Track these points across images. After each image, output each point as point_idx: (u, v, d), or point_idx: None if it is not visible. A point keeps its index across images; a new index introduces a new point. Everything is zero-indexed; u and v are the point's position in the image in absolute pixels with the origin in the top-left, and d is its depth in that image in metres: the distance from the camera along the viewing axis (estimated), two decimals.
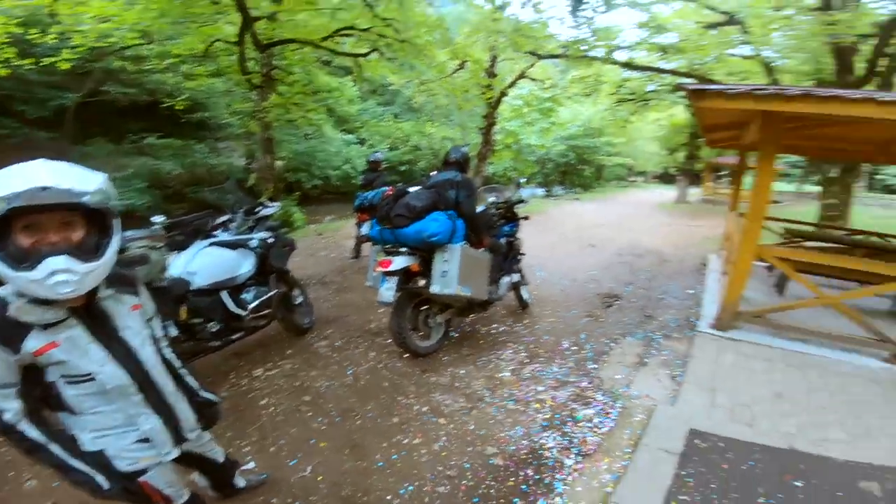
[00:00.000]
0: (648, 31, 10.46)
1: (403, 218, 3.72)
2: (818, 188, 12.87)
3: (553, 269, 7.25)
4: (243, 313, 3.56)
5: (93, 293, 1.46)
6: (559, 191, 28.71)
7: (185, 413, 1.75)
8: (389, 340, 4.34)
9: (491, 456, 2.83)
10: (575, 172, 30.85)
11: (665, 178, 40.61)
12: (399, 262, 3.77)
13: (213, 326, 3.37)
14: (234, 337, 3.61)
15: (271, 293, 3.89)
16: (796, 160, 24.76)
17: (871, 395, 3.60)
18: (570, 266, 7.55)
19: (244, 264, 3.71)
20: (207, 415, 1.89)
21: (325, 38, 10.19)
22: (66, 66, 9.03)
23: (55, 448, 1.48)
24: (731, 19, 10.95)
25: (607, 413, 3.29)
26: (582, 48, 8.03)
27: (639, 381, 3.77)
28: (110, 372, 1.49)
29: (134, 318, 1.61)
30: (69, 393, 1.48)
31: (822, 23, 8.27)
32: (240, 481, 2.39)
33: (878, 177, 29.66)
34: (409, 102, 22.29)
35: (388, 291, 3.77)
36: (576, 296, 6.00)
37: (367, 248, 7.30)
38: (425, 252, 3.82)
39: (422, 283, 3.86)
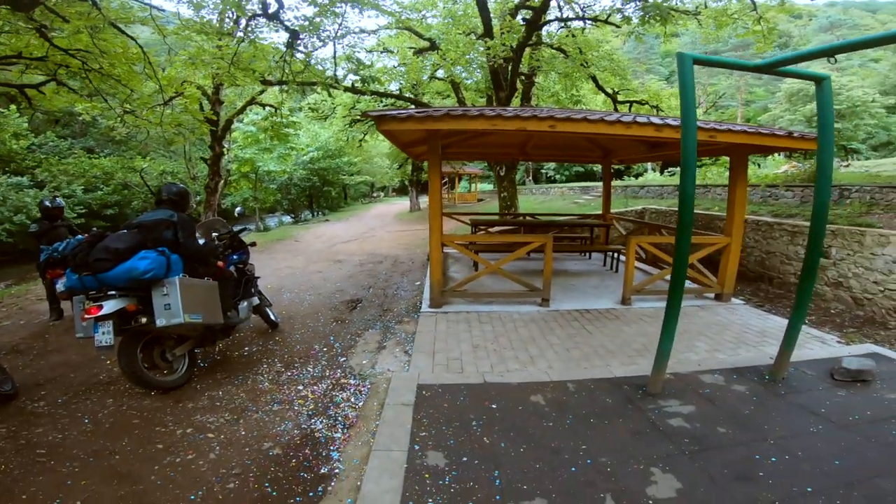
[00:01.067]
0: (356, 52, 11.75)
1: (105, 262, 3.61)
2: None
3: (301, 288, 7.69)
4: None
5: None
6: (308, 215, 28.80)
7: None
8: (127, 385, 4.18)
9: (269, 449, 3.18)
10: (321, 195, 31.37)
11: (403, 191, 44.76)
12: (111, 306, 3.63)
13: None
14: None
15: None
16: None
17: (533, 332, 5.19)
18: (317, 282, 8.11)
19: None
20: None
21: None
22: None
23: None
24: (433, 45, 13.11)
25: (360, 391, 3.99)
26: (299, 69, 8.47)
27: (381, 361, 4.60)
28: None
29: None
30: None
31: (484, 47, 10.77)
32: None
33: (542, 171, 38.59)
34: (109, 134, 19.26)
35: (106, 335, 3.62)
36: (323, 307, 6.59)
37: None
38: (139, 291, 3.75)
39: (143, 320, 3.77)
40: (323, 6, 7.36)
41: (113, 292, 3.67)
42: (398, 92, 14.44)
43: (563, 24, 12.80)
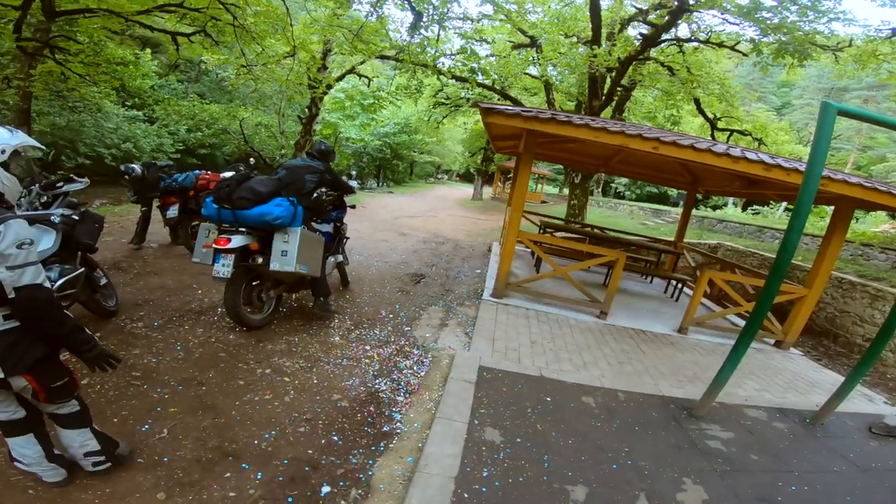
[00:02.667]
0: (468, 43, 11.84)
1: (247, 201, 3.96)
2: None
3: (369, 254, 8.05)
4: None
5: None
6: (373, 184, 29.54)
7: None
8: (216, 318, 4.57)
9: (337, 400, 3.47)
10: (390, 167, 32.04)
11: (467, 177, 45.12)
12: (237, 241, 3.99)
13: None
14: None
15: (77, 272, 3.62)
16: (560, 168, 30.47)
17: (588, 340, 5.27)
18: (383, 251, 8.46)
19: (43, 241, 3.40)
20: None
21: (141, 12, 8.92)
22: None
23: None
24: (533, 42, 13.10)
25: (422, 362, 4.23)
26: (417, 51, 8.67)
27: (443, 337, 4.82)
28: None
29: None
30: None
31: (588, 54, 10.64)
32: (122, 448, 2.52)
33: (612, 185, 37.71)
34: (220, 83, 20.30)
35: (225, 268, 3.96)
36: (389, 275, 6.88)
37: (155, 234, 6.99)
38: (263, 232, 4.12)
39: (259, 260, 4.13)
40: None
41: (242, 229, 4.03)
42: (490, 83, 14.47)
43: (675, 42, 12.32)
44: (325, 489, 2.56)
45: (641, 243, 9.36)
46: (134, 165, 6.45)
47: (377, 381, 3.81)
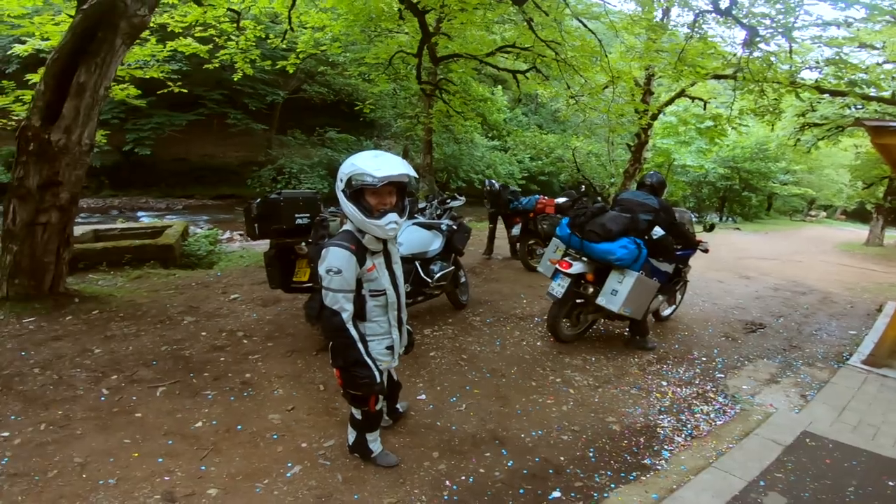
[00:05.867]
0: (839, 51, 9.50)
1: (596, 235, 4.30)
2: None
3: (694, 291, 7.25)
4: (429, 281, 4.56)
5: None
6: (714, 217, 26.26)
7: (403, 336, 2.61)
8: (532, 325, 5.16)
9: (610, 423, 3.40)
10: (737, 199, 27.72)
11: (857, 216, 34.83)
12: (577, 268, 4.42)
13: (406, 288, 4.38)
14: (418, 299, 4.66)
15: (450, 268, 4.85)
16: None
17: None
18: (715, 291, 7.50)
19: (435, 243, 4.74)
20: (409, 342, 2.74)
21: (488, 55, 11.35)
22: (291, 69, 11.27)
23: (360, 346, 2.16)
24: None
25: (725, 412, 3.63)
26: (762, 67, 7.69)
27: (765, 394, 3.99)
28: (391, 291, 2.36)
29: (398, 258, 2.51)
30: (370, 304, 2.30)
31: None
32: (401, 406, 3.20)
33: None
34: (554, 114, 22.93)
35: (560, 287, 4.43)
36: (715, 318, 6.09)
37: (500, 248, 8.30)
38: (602, 265, 4.39)
39: (590, 290, 4.47)
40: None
41: (584, 258, 4.49)
42: (890, 95, 10.85)
43: None
44: (555, 494, 2.60)
45: None
46: (494, 181, 8.08)
47: (660, 416, 3.51)
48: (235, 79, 11.04)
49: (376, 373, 2.21)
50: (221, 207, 16.50)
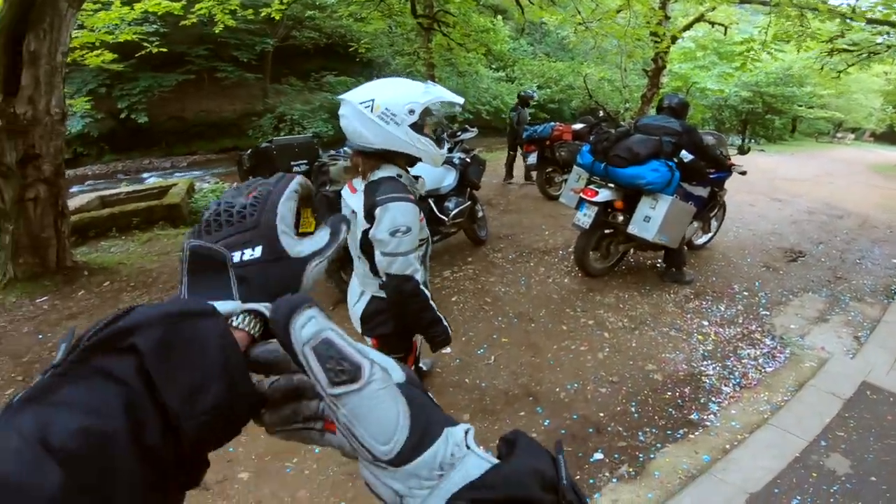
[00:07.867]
0: None
1: (622, 160, 3.91)
2: None
3: (729, 216, 6.79)
4: (445, 219, 4.22)
5: None
6: (736, 140, 25.08)
7: None
8: (557, 259, 4.85)
9: (651, 371, 3.17)
10: (760, 122, 26.48)
11: (886, 138, 33.32)
12: (604, 195, 4.04)
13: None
14: (434, 239, 4.33)
15: (466, 204, 4.49)
16: None
17: None
18: (748, 217, 7.04)
19: (448, 178, 4.33)
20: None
21: None
22: (277, 15, 10.31)
23: (434, 306, 1.88)
24: None
25: (774, 356, 3.37)
26: None
27: (815, 334, 3.71)
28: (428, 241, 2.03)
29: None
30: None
31: None
32: (424, 364, 2.97)
33: None
34: (562, 42, 21.83)
35: (587, 217, 4.09)
36: (752, 246, 5.71)
37: (517, 172, 8.19)
38: (631, 191, 4.00)
39: (620, 218, 4.10)
40: None
41: (611, 185, 4.08)
42: None
43: None
44: (597, 456, 2.42)
45: None
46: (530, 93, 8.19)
47: (704, 362, 3.27)
48: (217, 32, 10.18)
49: (447, 324, 1.95)
50: (225, 161, 16.33)
